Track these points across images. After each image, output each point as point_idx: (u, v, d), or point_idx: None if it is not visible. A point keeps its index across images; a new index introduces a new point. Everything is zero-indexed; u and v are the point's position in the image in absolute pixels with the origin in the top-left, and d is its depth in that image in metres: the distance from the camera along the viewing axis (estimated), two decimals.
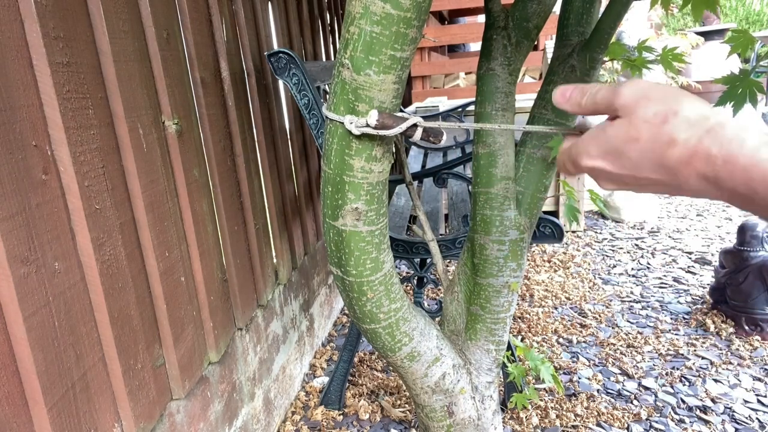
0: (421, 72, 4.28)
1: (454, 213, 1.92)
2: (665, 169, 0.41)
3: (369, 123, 0.71)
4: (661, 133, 0.40)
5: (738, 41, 0.88)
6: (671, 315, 2.03)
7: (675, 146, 0.40)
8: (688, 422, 1.44)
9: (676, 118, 0.40)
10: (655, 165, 0.41)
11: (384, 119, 0.71)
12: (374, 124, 0.71)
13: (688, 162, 0.40)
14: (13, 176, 0.67)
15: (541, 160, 0.97)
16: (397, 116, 0.72)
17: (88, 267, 0.80)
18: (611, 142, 0.43)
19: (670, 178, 0.41)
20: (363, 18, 0.68)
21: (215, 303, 1.18)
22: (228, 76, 1.28)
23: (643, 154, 0.42)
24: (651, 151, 0.41)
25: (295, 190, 1.78)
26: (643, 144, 0.41)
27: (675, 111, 0.40)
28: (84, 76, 0.80)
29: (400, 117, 0.72)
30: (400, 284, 0.92)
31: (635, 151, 0.42)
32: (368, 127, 0.71)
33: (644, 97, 0.42)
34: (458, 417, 1.04)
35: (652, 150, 0.41)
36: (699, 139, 0.39)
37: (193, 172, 1.10)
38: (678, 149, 0.40)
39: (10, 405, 0.67)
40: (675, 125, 0.40)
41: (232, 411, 1.23)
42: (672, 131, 0.40)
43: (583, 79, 0.92)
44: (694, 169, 0.40)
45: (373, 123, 0.70)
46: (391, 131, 0.71)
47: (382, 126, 0.71)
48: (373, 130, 0.71)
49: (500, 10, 0.92)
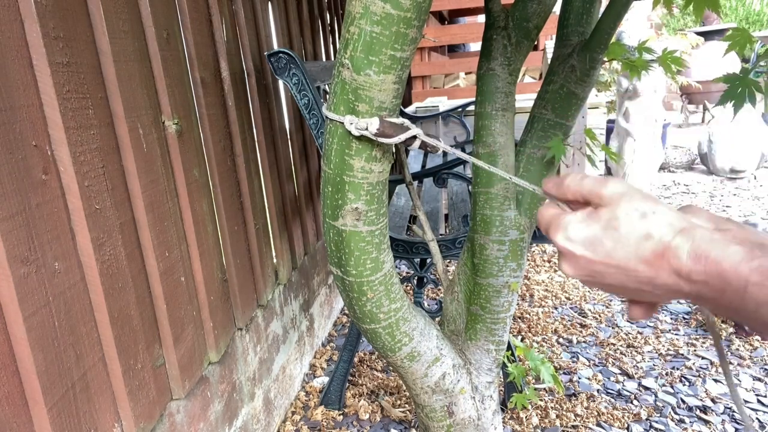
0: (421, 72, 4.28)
1: (454, 213, 1.92)
2: (639, 260, 0.43)
3: (369, 130, 0.71)
4: (638, 226, 0.44)
5: (736, 40, 0.88)
6: (671, 315, 2.03)
7: (650, 240, 0.43)
8: (688, 422, 1.44)
9: (654, 215, 0.44)
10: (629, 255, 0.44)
11: (384, 128, 0.71)
12: (374, 132, 0.71)
13: (662, 254, 0.42)
14: (13, 176, 0.67)
15: (541, 160, 0.97)
16: (397, 125, 0.72)
17: (88, 267, 0.80)
18: (590, 229, 0.46)
19: (642, 269, 0.43)
20: (363, 18, 0.68)
21: (215, 303, 1.18)
22: (228, 76, 1.28)
23: (618, 244, 0.44)
24: (627, 243, 0.44)
25: (295, 190, 1.78)
26: (621, 234, 0.44)
27: (654, 210, 0.44)
28: (84, 76, 0.80)
29: (400, 126, 0.72)
30: (400, 284, 0.92)
31: (611, 240, 0.45)
32: (368, 132, 0.72)
33: (627, 194, 0.45)
34: (458, 417, 1.04)
35: (628, 242, 0.44)
36: (673, 236, 0.42)
37: (193, 172, 1.10)
38: (653, 243, 0.43)
39: (10, 405, 0.67)
40: (652, 221, 0.43)
41: (232, 411, 1.23)
42: (649, 227, 0.43)
43: (582, 79, 0.92)
44: (667, 262, 0.42)
45: (374, 131, 0.71)
46: (390, 140, 0.72)
47: (382, 134, 0.71)
48: (372, 137, 0.72)
49: (500, 10, 0.92)
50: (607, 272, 0.46)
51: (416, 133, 0.72)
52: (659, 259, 0.42)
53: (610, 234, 0.45)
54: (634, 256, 0.44)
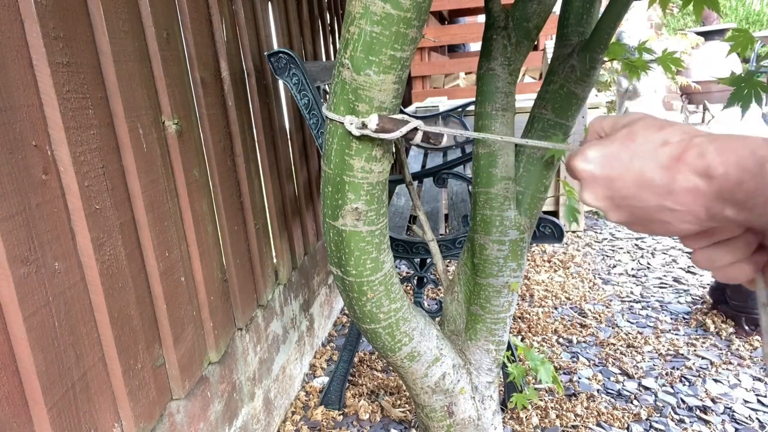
0: (421, 72, 4.28)
1: (454, 213, 1.92)
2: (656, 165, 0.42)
3: (369, 127, 0.71)
4: (656, 136, 0.43)
5: (738, 40, 0.88)
6: (671, 315, 2.03)
7: (668, 145, 0.42)
8: (688, 422, 1.44)
9: (672, 127, 0.43)
10: (646, 163, 0.43)
11: (384, 123, 0.71)
12: (374, 128, 0.71)
13: (679, 157, 0.41)
14: (13, 176, 0.67)
15: (541, 160, 0.97)
16: (397, 119, 0.72)
17: (88, 267, 0.80)
18: (608, 147, 0.45)
19: (659, 175, 0.42)
20: (363, 18, 0.68)
21: (215, 303, 1.18)
22: (228, 76, 1.28)
23: (635, 154, 0.43)
24: (643, 150, 0.43)
25: (295, 190, 1.78)
26: (638, 144, 0.43)
27: (672, 124, 0.43)
28: (84, 76, 0.80)
29: (400, 120, 0.72)
30: (400, 284, 0.92)
31: (628, 152, 0.44)
32: (368, 130, 0.71)
33: (645, 116, 0.45)
34: (458, 417, 1.04)
35: (645, 149, 0.43)
36: (691, 138, 0.41)
37: (193, 172, 1.10)
38: (671, 147, 0.42)
39: (10, 405, 0.67)
40: (670, 131, 0.43)
41: (232, 411, 1.23)
42: (666, 135, 0.43)
43: (582, 79, 0.92)
44: (684, 163, 0.41)
45: (373, 127, 0.70)
46: (391, 135, 0.71)
47: (382, 130, 0.71)
48: (372, 133, 0.71)
49: (500, 10, 0.92)
50: (626, 189, 0.44)
51: (417, 125, 0.72)
52: (677, 162, 0.41)
53: (626, 146, 0.44)
54: (651, 163, 0.42)
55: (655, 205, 0.43)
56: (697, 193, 0.41)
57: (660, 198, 0.43)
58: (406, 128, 0.71)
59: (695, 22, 7.14)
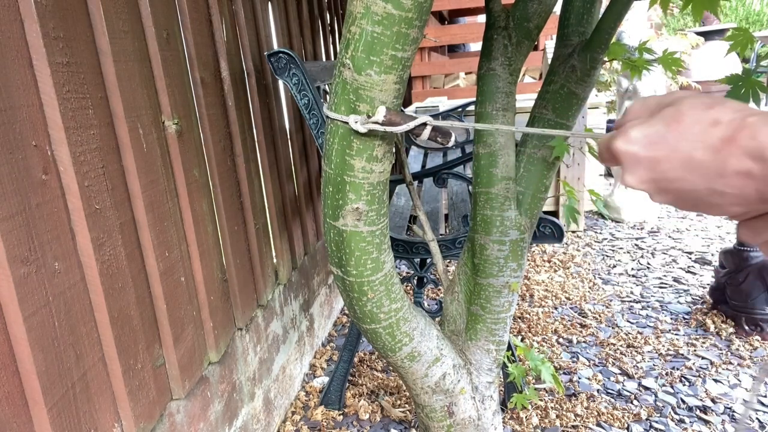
0: (421, 72, 4.28)
1: (454, 213, 1.92)
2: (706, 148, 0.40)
3: (376, 119, 0.70)
4: (705, 115, 0.40)
5: (738, 40, 0.88)
6: (671, 315, 2.03)
7: (719, 125, 0.39)
8: (688, 422, 1.44)
9: (723, 105, 0.40)
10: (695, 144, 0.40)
11: (391, 116, 0.70)
12: (381, 120, 0.70)
13: (731, 138, 0.38)
14: (13, 176, 0.66)
15: (541, 160, 0.97)
16: (404, 114, 0.72)
17: (88, 267, 0.80)
18: (654, 127, 0.42)
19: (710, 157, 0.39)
20: (364, 18, 0.68)
21: (215, 303, 1.18)
22: (228, 76, 1.28)
23: (683, 135, 0.41)
24: (692, 132, 0.40)
25: (295, 190, 1.78)
26: (686, 125, 0.41)
27: (722, 101, 0.40)
28: (84, 76, 0.80)
29: (408, 115, 0.71)
30: (400, 284, 0.92)
31: (676, 133, 0.41)
32: (375, 124, 0.70)
33: (692, 95, 0.42)
34: (458, 417, 1.04)
35: (693, 131, 0.40)
36: (744, 118, 0.39)
37: (193, 172, 1.10)
38: (722, 128, 0.39)
39: (10, 405, 0.67)
40: (720, 110, 0.40)
41: (232, 411, 1.23)
42: (717, 114, 0.40)
43: (583, 80, 0.92)
44: (737, 145, 0.38)
45: (381, 119, 0.70)
46: (399, 128, 0.70)
47: (390, 123, 0.70)
48: (380, 126, 0.71)
49: (501, 10, 0.92)
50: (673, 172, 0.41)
51: (426, 120, 0.71)
52: (728, 145, 0.38)
53: (674, 128, 0.41)
54: (701, 145, 0.39)
55: (705, 189, 0.41)
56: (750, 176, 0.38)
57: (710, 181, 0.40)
58: (414, 123, 0.70)
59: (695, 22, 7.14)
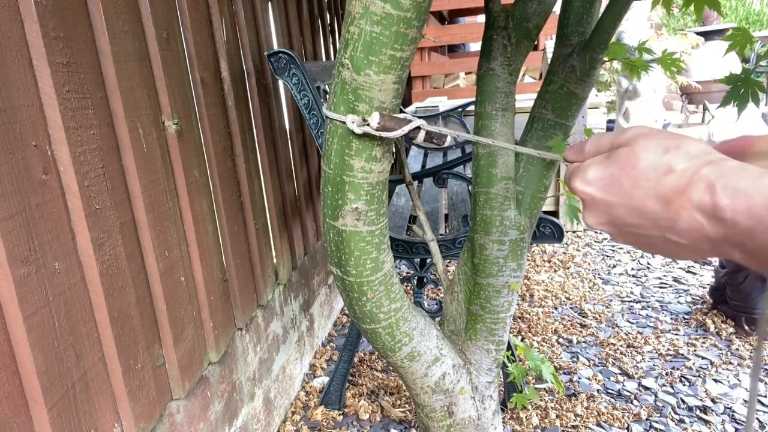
0: (421, 72, 4.28)
1: (454, 213, 1.92)
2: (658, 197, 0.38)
3: (370, 125, 0.70)
4: (659, 162, 0.39)
5: (737, 39, 0.88)
6: (671, 315, 2.03)
7: (671, 174, 0.38)
8: (688, 422, 1.44)
9: (678, 150, 0.39)
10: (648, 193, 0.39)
11: (385, 121, 0.70)
12: (375, 126, 0.70)
13: (683, 190, 0.37)
14: (13, 176, 0.67)
15: (541, 160, 0.97)
16: (399, 118, 0.72)
17: (88, 267, 0.80)
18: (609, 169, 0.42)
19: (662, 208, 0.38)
20: (363, 18, 0.68)
21: (215, 303, 1.18)
22: (228, 76, 1.28)
23: (637, 181, 0.40)
24: (646, 178, 0.39)
25: (295, 190, 1.78)
26: (640, 171, 0.40)
27: (677, 145, 0.39)
28: (84, 76, 0.80)
29: (402, 119, 0.71)
30: (400, 284, 0.92)
31: (630, 178, 0.40)
32: (369, 128, 0.71)
33: (647, 134, 0.41)
34: (458, 417, 1.04)
35: (647, 177, 0.39)
36: (698, 168, 0.37)
37: (193, 172, 1.10)
38: (674, 177, 0.38)
39: (10, 405, 0.67)
40: (674, 156, 0.38)
41: (232, 411, 1.23)
42: (670, 161, 0.38)
43: (583, 79, 0.92)
44: (689, 199, 0.37)
45: (375, 125, 0.70)
46: (393, 134, 0.71)
47: (384, 128, 0.71)
48: (374, 131, 0.71)
49: (500, 10, 0.92)
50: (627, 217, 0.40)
51: (420, 124, 0.71)
52: (679, 196, 0.37)
53: (628, 172, 0.40)
54: (653, 193, 0.38)
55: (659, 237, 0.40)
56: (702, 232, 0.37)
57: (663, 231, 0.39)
58: (408, 127, 0.71)
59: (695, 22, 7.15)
